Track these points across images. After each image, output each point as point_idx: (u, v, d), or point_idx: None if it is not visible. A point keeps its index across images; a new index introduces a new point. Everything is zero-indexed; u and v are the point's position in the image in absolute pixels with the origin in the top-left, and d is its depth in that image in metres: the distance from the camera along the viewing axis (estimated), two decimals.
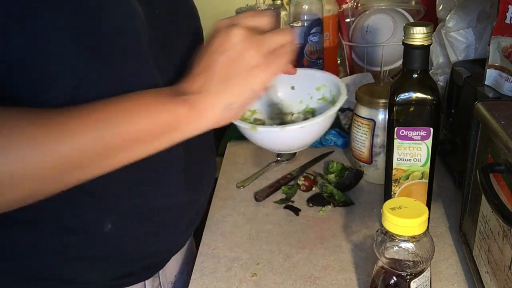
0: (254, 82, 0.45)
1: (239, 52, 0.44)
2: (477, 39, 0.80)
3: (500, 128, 0.47)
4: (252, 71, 0.45)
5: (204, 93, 0.45)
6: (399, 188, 0.61)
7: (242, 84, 0.45)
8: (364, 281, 0.58)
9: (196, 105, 0.45)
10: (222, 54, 0.45)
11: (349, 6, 1.14)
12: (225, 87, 0.45)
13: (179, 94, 0.45)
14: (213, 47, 0.45)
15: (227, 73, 0.45)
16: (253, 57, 0.45)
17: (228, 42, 0.44)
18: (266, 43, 0.45)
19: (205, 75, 0.45)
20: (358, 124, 0.78)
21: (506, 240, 0.46)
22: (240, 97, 0.46)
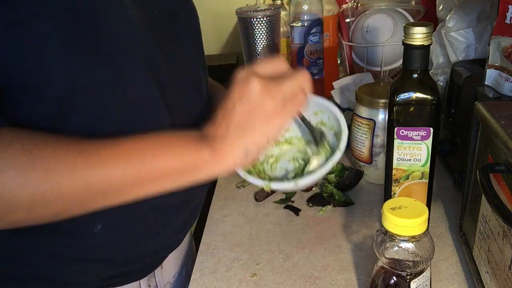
0: (270, 129, 0.49)
1: (257, 101, 0.48)
2: (477, 39, 0.80)
3: (500, 128, 0.47)
4: (268, 119, 0.48)
5: (225, 138, 0.48)
6: (399, 188, 0.61)
7: (258, 131, 0.48)
8: (364, 281, 0.58)
9: (218, 149, 0.48)
10: (241, 102, 0.48)
11: (349, 6, 1.14)
12: (244, 133, 0.48)
13: (204, 138, 0.48)
14: (233, 95, 0.49)
15: (246, 121, 0.48)
16: (269, 105, 0.48)
17: (246, 91, 0.48)
18: (281, 91, 0.49)
19: (227, 121, 0.48)
20: (358, 124, 0.78)
21: (506, 240, 0.46)
22: (257, 143, 0.49)
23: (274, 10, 1.04)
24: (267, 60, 0.52)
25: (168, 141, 0.47)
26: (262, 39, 1.05)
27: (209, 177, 0.49)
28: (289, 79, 0.50)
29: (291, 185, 0.57)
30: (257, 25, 1.03)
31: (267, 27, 1.04)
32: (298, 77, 0.50)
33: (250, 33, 1.05)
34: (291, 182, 0.57)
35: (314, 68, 1.08)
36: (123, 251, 0.56)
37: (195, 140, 0.48)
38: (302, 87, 0.50)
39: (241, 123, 0.48)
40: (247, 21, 1.03)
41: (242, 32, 1.07)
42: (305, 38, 1.04)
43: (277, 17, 1.06)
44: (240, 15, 1.04)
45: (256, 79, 0.48)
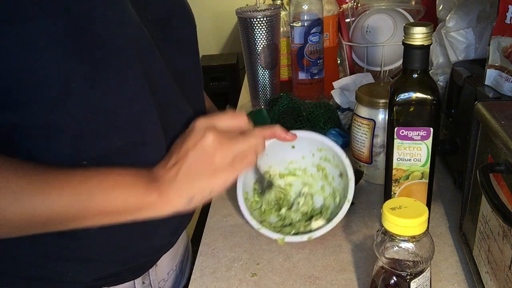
0: (215, 182, 0.51)
1: (208, 154, 0.50)
2: (477, 39, 0.80)
3: (500, 128, 0.47)
4: (216, 173, 0.51)
5: (173, 183, 0.50)
6: (399, 188, 0.61)
7: (205, 182, 0.51)
8: (364, 281, 0.58)
9: (164, 194, 0.50)
10: (194, 152, 0.51)
11: (349, 6, 1.14)
12: (191, 182, 0.50)
13: (153, 181, 0.50)
14: (188, 143, 0.51)
15: (194, 170, 0.50)
16: (219, 161, 0.51)
17: (200, 142, 0.50)
18: (232, 149, 0.52)
19: (178, 166, 0.51)
20: (358, 124, 0.78)
21: (506, 240, 0.46)
22: (202, 193, 0.51)
23: (274, 10, 1.04)
24: (229, 114, 0.55)
25: (119, 181, 0.48)
26: (262, 39, 1.06)
27: (151, 218, 0.51)
28: (243, 139, 0.53)
29: (304, 240, 0.62)
30: (257, 25, 1.03)
31: (267, 27, 1.04)
32: (252, 138, 0.53)
33: (250, 33, 1.05)
34: (304, 236, 0.62)
35: (314, 68, 1.08)
36: (118, 252, 0.56)
37: (145, 182, 0.50)
38: (255, 148, 0.54)
39: (190, 172, 0.50)
40: (247, 21, 1.03)
41: (242, 32, 1.07)
42: (305, 38, 1.04)
43: (277, 17, 1.06)
44: (240, 15, 1.04)
45: (212, 133, 0.51)
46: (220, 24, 2.81)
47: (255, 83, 1.14)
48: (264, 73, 1.11)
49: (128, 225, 0.54)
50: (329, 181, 0.70)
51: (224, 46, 3.01)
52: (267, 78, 1.12)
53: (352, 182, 0.63)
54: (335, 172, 0.69)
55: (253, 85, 1.15)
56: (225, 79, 2.77)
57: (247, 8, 1.05)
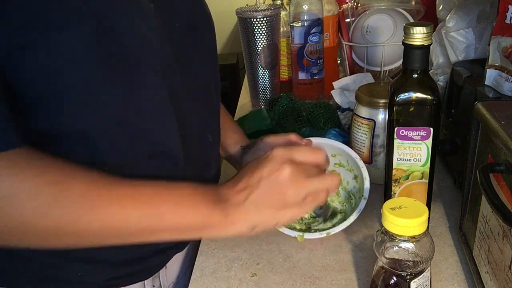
0: (283, 216, 0.51)
1: (282, 187, 0.50)
2: (477, 39, 0.80)
3: (500, 128, 0.47)
4: (286, 207, 0.50)
5: (240, 208, 0.50)
6: (399, 188, 0.61)
7: (272, 214, 0.50)
8: (364, 281, 0.58)
9: (229, 216, 0.49)
10: (268, 182, 0.50)
11: (349, 6, 1.14)
12: (259, 211, 0.50)
13: (220, 201, 0.50)
14: (263, 171, 0.50)
15: (265, 200, 0.50)
16: (291, 196, 0.50)
17: (276, 173, 0.50)
18: (307, 187, 0.51)
19: (249, 192, 0.50)
20: (358, 124, 0.78)
21: (506, 240, 0.46)
22: (266, 224, 0.51)
23: (274, 10, 1.04)
24: (309, 148, 0.55)
25: (187, 196, 0.49)
26: (262, 39, 1.05)
27: (212, 237, 0.52)
28: (319, 179, 0.52)
29: (323, 235, 0.63)
30: (257, 25, 1.03)
31: (267, 27, 1.04)
32: (328, 179, 0.53)
33: (250, 33, 1.05)
34: (323, 233, 0.63)
35: (314, 68, 1.08)
36: (128, 252, 0.56)
37: (211, 201, 0.49)
38: (328, 189, 0.53)
39: (259, 200, 0.50)
40: (247, 21, 1.03)
41: (242, 32, 1.07)
42: (305, 38, 1.04)
43: (277, 17, 1.06)
44: (240, 15, 1.04)
45: (290, 167, 0.50)
46: (220, 24, 2.80)
47: (255, 83, 1.14)
48: (264, 73, 1.11)
49: None
50: (344, 186, 0.71)
51: (224, 46, 3.01)
52: (267, 78, 1.12)
53: (368, 181, 0.64)
54: (349, 176, 0.70)
55: (253, 85, 1.15)
56: (225, 79, 2.77)
57: (247, 8, 1.05)
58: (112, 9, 0.43)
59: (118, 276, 0.57)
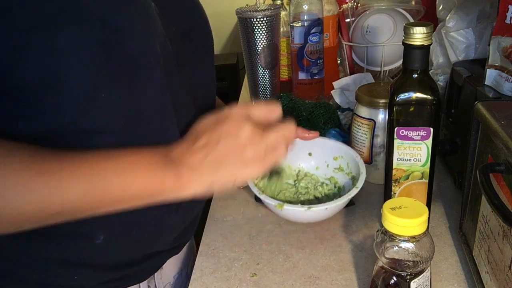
0: (242, 174, 0.49)
1: (241, 144, 0.48)
2: (477, 39, 0.80)
3: (500, 128, 0.47)
4: (244, 164, 0.49)
5: (195, 168, 0.48)
6: (399, 188, 0.61)
7: (231, 171, 0.49)
8: (364, 281, 0.58)
9: (184, 178, 0.47)
10: (226, 141, 0.48)
11: (349, 6, 1.14)
12: (217, 169, 0.48)
13: (171, 162, 0.48)
14: (222, 130, 0.49)
15: (224, 158, 0.48)
16: (250, 153, 0.49)
17: (235, 132, 0.48)
18: (265, 142, 0.50)
19: (205, 152, 0.48)
20: (358, 124, 0.78)
21: (506, 240, 0.46)
22: (225, 181, 0.49)
23: (274, 10, 1.04)
24: (264, 104, 0.53)
25: (132, 163, 0.46)
26: (262, 39, 1.05)
27: (166, 201, 0.49)
28: (275, 131, 0.50)
29: (303, 209, 0.60)
30: (257, 25, 1.03)
31: (267, 27, 1.04)
32: (284, 130, 0.51)
33: (250, 33, 1.05)
34: (304, 207, 0.60)
35: (314, 68, 1.08)
36: (122, 257, 0.56)
37: (161, 164, 0.47)
38: (286, 140, 0.52)
39: (217, 160, 0.48)
40: (247, 21, 1.03)
41: (242, 32, 1.07)
42: (305, 38, 1.04)
43: (277, 17, 1.06)
44: (240, 15, 1.04)
45: (249, 125, 0.49)
46: (220, 24, 2.81)
47: (255, 83, 1.14)
48: (264, 73, 1.11)
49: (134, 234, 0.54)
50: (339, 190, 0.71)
51: (224, 46, 3.01)
52: (267, 78, 1.12)
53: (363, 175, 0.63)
54: (346, 181, 0.69)
55: (253, 85, 1.15)
56: (225, 79, 2.77)
57: (247, 8, 1.05)
58: (116, 11, 0.43)
59: (110, 280, 0.57)
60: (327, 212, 0.63)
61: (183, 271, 0.72)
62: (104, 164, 0.44)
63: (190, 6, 0.59)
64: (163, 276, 0.66)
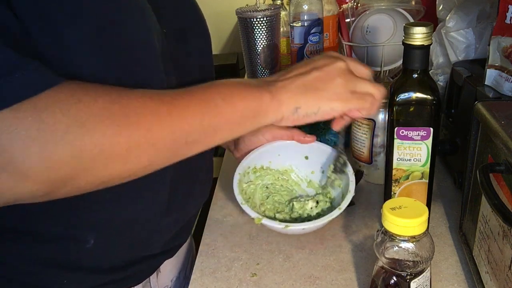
0: (326, 104, 0.51)
1: (332, 76, 0.51)
2: (477, 39, 0.80)
3: (500, 128, 0.47)
4: (330, 95, 0.51)
5: (286, 88, 0.51)
6: (399, 188, 0.61)
7: (317, 99, 0.51)
8: (364, 281, 0.58)
9: (276, 96, 0.50)
10: (319, 70, 0.52)
11: (349, 6, 1.14)
12: (304, 93, 0.51)
13: (266, 84, 0.51)
14: (316, 62, 0.53)
15: (312, 84, 0.51)
16: (340, 86, 0.51)
17: (329, 65, 0.52)
18: (356, 85, 0.52)
19: (296, 76, 0.52)
20: (358, 124, 0.78)
21: (506, 240, 0.46)
22: (309, 108, 0.51)
23: (274, 10, 1.04)
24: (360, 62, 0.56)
25: (234, 87, 0.49)
26: (262, 39, 1.05)
27: (266, 123, 0.51)
28: (370, 82, 0.53)
29: (281, 227, 0.60)
30: (257, 25, 1.03)
31: (267, 27, 1.04)
32: (378, 86, 0.54)
33: (250, 33, 1.05)
34: (281, 224, 0.60)
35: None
36: (113, 260, 0.55)
37: (258, 85, 0.50)
38: (376, 95, 0.54)
39: (307, 84, 0.51)
40: (247, 21, 1.03)
41: (242, 32, 1.07)
42: (305, 38, 1.04)
43: (277, 17, 1.06)
44: (240, 15, 1.04)
45: (344, 63, 0.52)
46: (220, 24, 2.80)
47: None
48: (264, 73, 1.11)
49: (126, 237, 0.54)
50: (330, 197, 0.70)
51: (224, 46, 3.01)
52: None
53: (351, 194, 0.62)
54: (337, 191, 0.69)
55: None
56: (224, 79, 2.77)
57: (247, 8, 1.05)
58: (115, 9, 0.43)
59: (102, 283, 0.56)
60: (305, 231, 0.63)
61: (181, 273, 0.71)
62: (211, 90, 0.47)
63: (187, 7, 0.59)
64: (160, 279, 0.65)
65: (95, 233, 0.51)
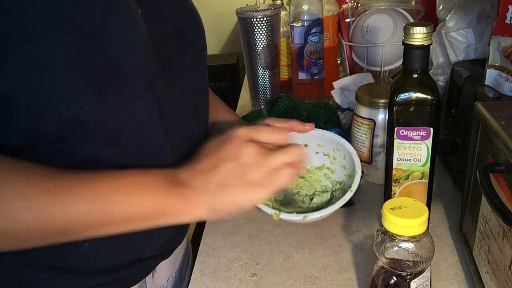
0: (245, 198, 0.48)
1: (245, 167, 0.47)
2: (477, 39, 0.80)
3: (500, 128, 0.47)
4: (248, 188, 0.48)
5: (199, 192, 0.47)
6: (399, 188, 0.61)
7: (235, 196, 0.48)
8: (364, 281, 0.58)
9: (187, 200, 0.47)
10: (229, 162, 0.48)
11: (349, 6, 1.14)
12: (220, 193, 0.48)
13: (175, 184, 0.47)
14: (223, 152, 0.48)
15: (227, 181, 0.47)
16: (255, 175, 0.48)
17: (239, 154, 0.48)
18: (270, 164, 0.48)
19: (207, 174, 0.48)
20: (358, 124, 0.78)
21: (506, 240, 0.46)
22: (229, 206, 0.49)
23: (274, 10, 1.04)
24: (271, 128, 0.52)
25: (136, 184, 0.46)
26: (262, 39, 1.05)
27: (172, 223, 0.48)
28: (280, 153, 0.49)
29: (299, 219, 0.58)
30: (257, 25, 1.03)
31: (267, 27, 1.04)
32: (291, 152, 0.50)
33: (250, 33, 1.05)
34: (300, 216, 0.58)
35: (314, 68, 1.08)
36: (108, 263, 0.55)
37: (166, 185, 0.47)
38: (293, 163, 0.50)
39: (221, 181, 0.48)
40: (247, 21, 1.03)
41: (242, 32, 1.07)
42: (305, 38, 1.04)
43: (277, 17, 1.06)
44: (240, 15, 1.04)
45: (251, 147, 0.48)
46: (220, 24, 2.80)
47: (255, 83, 1.14)
48: (264, 73, 1.11)
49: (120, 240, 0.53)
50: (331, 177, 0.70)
51: (224, 46, 3.01)
52: (267, 78, 1.12)
53: (358, 175, 0.61)
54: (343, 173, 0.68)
55: (253, 85, 1.15)
56: (225, 79, 2.77)
57: (247, 8, 1.05)
58: (96, 18, 0.42)
59: (98, 285, 0.55)
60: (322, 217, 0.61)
61: (177, 273, 0.71)
62: (107, 184, 0.44)
63: (183, 7, 0.58)
64: (155, 280, 0.65)
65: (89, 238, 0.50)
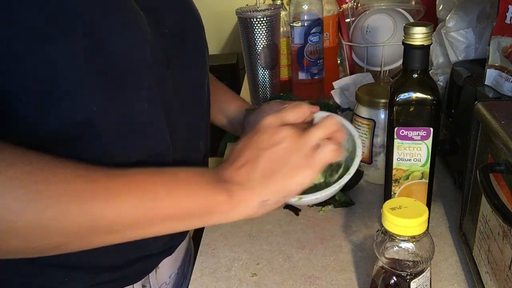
0: (292, 183, 0.47)
1: (285, 151, 0.46)
2: (477, 39, 0.80)
3: (500, 128, 0.47)
4: (294, 170, 0.46)
5: (245, 185, 0.46)
6: (399, 188, 0.61)
7: (281, 182, 0.46)
8: (364, 281, 0.58)
9: (235, 196, 0.46)
10: (269, 150, 0.46)
11: (349, 6, 1.14)
12: (267, 182, 0.46)
13: (222, 181, 0.46)
14: (260, 143, 0.47)
15: (270, 169, 0.46)
16: (298, 158, 0.46)
17: (276, 141, 0.46)
18: (308, 143, 0.47)
19: (250, 167, 0.46)
20: (358, 124, 0.78)
21: (506, 240, 0.46)
22: (277, 195, 0.47)
23: (274, 10, 1.04)
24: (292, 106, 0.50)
25: (184, 179, 0.45)
26: (262, 39, 1.05)
27: (220, 222, 0.47)
28: (316, 129, 0.48)
29: (294, 200, 0.55)
30: (257, 25, 1.03)
31: (267, 27, 1.04)
32: (327, 124, 0.48)
33: (250, 33, 1.05)
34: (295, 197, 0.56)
35: (314, 68, 1.08)
36: (113, 260, 0.55)
37: (212, 182, 0.46)
38: (331, 135, 0.49)
39: (265, 171, 0.46)
40: (247, 21, 1.03)
41: (242, 32, 1.07)
42: (305, 38, 1.04)
43: (277, 17, 1.06)
44: (240, 15, 1.04)
45: (285, 130, 0.47)
46: (220, 24, 2.80)
47: (255, 83, 1.14)
48: (264, 73, 1.11)
49: None
50: None
51: (224, 46, 3.01)
52: (267, 78, 1.12)
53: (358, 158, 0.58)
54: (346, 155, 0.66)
55: (253, 85, 1.15)
56: (225, 79, 2.76)
57: (247, 8, 1.05)
58: (103, 20, 0.42)
59: (102, 282, 0.55)
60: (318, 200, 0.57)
61: (179, 270, 0.71)
62: (155, 179, 0.43)
63: (184, 7, 0.59)
64: (158, 276, 0.65)
65: None
